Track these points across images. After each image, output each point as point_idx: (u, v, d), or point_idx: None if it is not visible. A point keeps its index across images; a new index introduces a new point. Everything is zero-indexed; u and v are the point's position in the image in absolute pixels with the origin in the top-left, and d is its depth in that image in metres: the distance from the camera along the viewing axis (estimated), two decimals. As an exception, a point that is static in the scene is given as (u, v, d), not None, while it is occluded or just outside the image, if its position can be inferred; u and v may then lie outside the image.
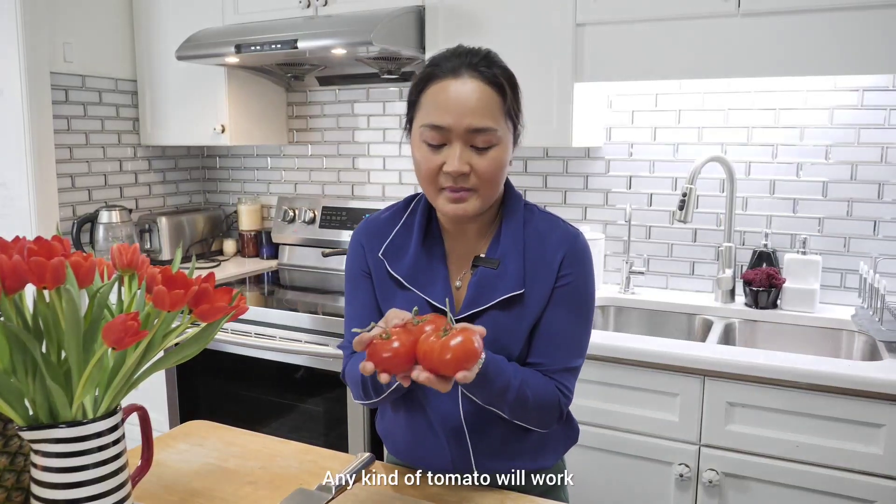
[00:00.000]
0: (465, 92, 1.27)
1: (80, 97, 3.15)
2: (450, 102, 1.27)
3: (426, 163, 1.30)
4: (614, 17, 2.34)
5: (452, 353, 1.07)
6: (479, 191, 1.30)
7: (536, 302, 1.35)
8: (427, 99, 1.30)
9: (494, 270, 1.35)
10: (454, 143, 1.28)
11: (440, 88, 1.29)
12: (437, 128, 1.28)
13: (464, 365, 1.07)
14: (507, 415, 1.31)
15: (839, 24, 2.06)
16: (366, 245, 1.45)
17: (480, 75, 1.28)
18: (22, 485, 1.11)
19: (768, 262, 2.51)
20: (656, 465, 2.11)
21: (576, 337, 1.39)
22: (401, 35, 2.57)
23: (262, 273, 3.34)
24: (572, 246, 1.37)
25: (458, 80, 1.28)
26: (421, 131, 1.30)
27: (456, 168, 1.26)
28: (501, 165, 1.31)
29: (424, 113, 1.30)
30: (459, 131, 1.26)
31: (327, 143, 3.42)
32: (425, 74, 1.32)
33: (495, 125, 1.28)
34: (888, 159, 2.38)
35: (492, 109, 1.28)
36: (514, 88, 1.33)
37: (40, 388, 0.94)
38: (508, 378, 1.26)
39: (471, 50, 1.32)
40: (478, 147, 1.28)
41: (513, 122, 1.34)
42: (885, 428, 1.84)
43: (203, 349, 1.04)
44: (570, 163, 2.86)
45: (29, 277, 0.90)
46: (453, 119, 1.26)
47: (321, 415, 2.60)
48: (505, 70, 1.33)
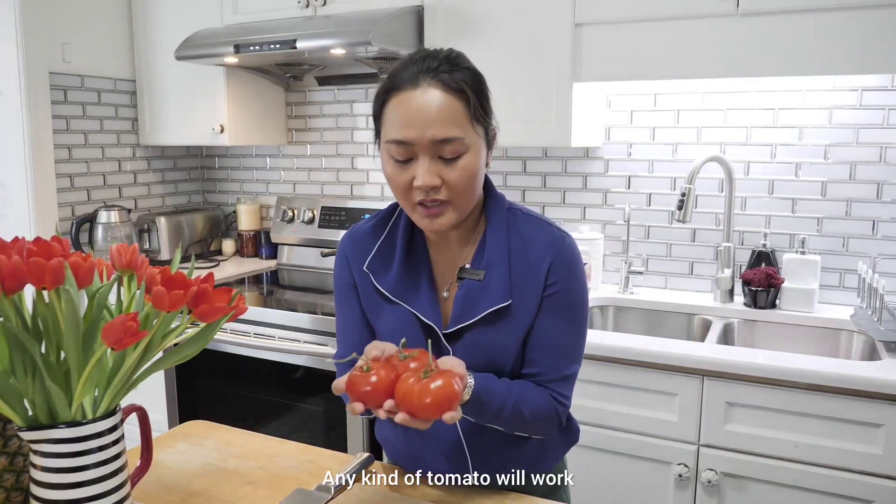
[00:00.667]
0: (424, 103, 1.21)
1: (79, 97, 3.15)
2: (411, 115, 1.21)
3: (396, 179, 1.26)
4: (613, 17, 2.34)
5: (432, 398, 1.05)
6: (454, 202, 1.26)
7: (525, 312, 1.32)
8: (389, 113, 1.25)
9: (480, 282, 1.32)
10: (421, 156, 1.22)
11: (400, 101, 1.23)
12: (401, 143, 1.22)
13: (444, 408, 1.06)
14: (505, 430, 1.31)
15: (838, 23, 2.06)
16: (351, 259, 1.42)
17: (440, 83, 1.22)
18: (21, 485, 1.11)
19: (767, 261, 2.51)
20: (655, 465, 2.11)
21: (570, 344, 1.36)
22: (400, 35, 2.57)
23: (261, 273, 3.33)
24: (559, 251, 1.32)
25: (417, 90, 1.21)
26: (386, 147, 1.25)
27: (425, 182, 1.22)
28: (473, 174, 1.26)
29: (388, 128, 1.25)
30: (424, 144, 1.21)
31: (326, 143, 3.42)
32: (385, 86, 1.26)
33: (461, 133, 1.22)
34: (887, 159, 2.38)
35: (455, 117, 1.22)
36: (479, 91, 1.27)
37: (40, 388, 0.94)
38: (501, 399, 1.25)
39: (430, 53, 1.26)
40: (446, 158, 1.23)
41: (482, 125, 1.28)
42: (884, 428, 1.84)
43: (202, 349, 1.04)
44: (569, 163, 2.86)
45: (28, 278, 0.90)
46: (416, 132, 1.21)
47: (320, 415, 2.60)
48: (468, 72, 1.26)
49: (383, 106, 1.26)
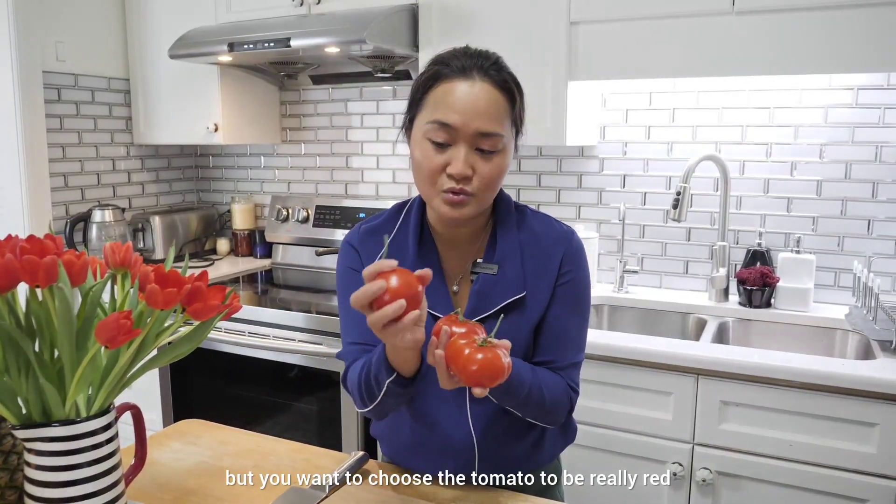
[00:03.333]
0: (476, 93, 1.24)
1: (73, 96, 3.14)
2: (460, 102, 1.24)
3: (428, 162, 1.27)
4: (608, 16, 2.34)
5: (479, 366, 1.06)
6: (478, 195, 1.28)
7: (538, 303, 1.35)
8: (435, 97, 1.27)
9: (494, 276, 1.35)
10: (460, 143, 1.25)
11: (450, 87, 1.26)
12: (445, 125, 1.24)
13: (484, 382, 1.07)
14: (521, 414, 1.32)
15: (834, 22, 2.07)
16: (361, 251, 1.41)
17: (492, 79, 1.26)
18: (16, 483, 1.10)
19: (762, 260, 2.51)
20: (650, 464, 2.11)
21: (578, 333, 1.41)
22: (394, 33, 2.57)
23: (256, 272, 3.33)
24: (569, 244, 1.38)
25: (468, 80, 1.25)
26: (426, 128, 1.27)
27: (460, 171, 1.24)
28: (502, 172, 1.30)
29: (431, 110, 1.27)
30: (467, 133, 1.24)
31: (321, 142, 3.42)
32: (433, 73, 1.29)
33: (503, 131, 1.27)
34: (882, 158, 2.39)
35: (500, 115, 1.26)
36: (521, 96, 1.33)
37: (33, 386, 0.94)
38: (529, 385, 1.27)
39: (480, 52, 1.30)
40: (483, 151, 1.26)
41: (516, 130, 1.33)
42: (879, 427, 1.84)
43: (197, 348, 1.04)
44: (564, 161, 2.86)
45: (21, 276, 0.89)
46: (462, 119, 1.23)
47: (315, 414, 2.60)
48: (513, 75, 1.31)
49: (428, 91, 1.28)
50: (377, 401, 1.25)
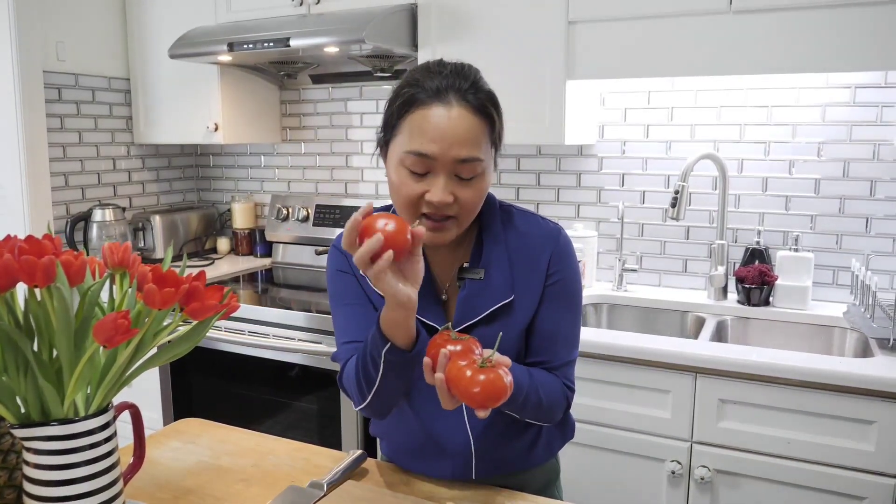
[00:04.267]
0: (453, 120, 1.20)
1: (74, 96, 3.14)
2: (437, 131, 1.20)
3: (407, 189, 1.24)
4: (606, 15, 2.34)
5: (482, 388, 1.06)
6: (459, 219, 1.27)
7: (528, 305, 1.34)
8: (411, 124, 1.23)
9: (481, 281, 1.34)
10: (439, 172, 1.22)
11: (426, 114, 1.21)
12: (423, 156, 1.21)
13: (487, 404, 1.07)
14: (519, 416, 1.32)
15: (831, 20, 2.07)
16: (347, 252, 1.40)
17: (469, 104, 1.22)
18: (15, 482, 1.11)
19: (761, 259, 2.51)
20: (648, 462, 2.11)
21: (571, 331, 1.40)
22: (393, 33, 2.57)
23: (256, 271, 3.33)
24: (556, 243, 1.37)
25: (445, 105, 1.21)
26: (402, 157, 1.23)
27: (440, 199, 1.21)
28: (483, 195, 1.28)
29: (407, 139, 1.23)
30: (445, 161, 1.21)
31: (321, 142, 3.42)
32: (407, 97, 1.24)
33: (482, 155, 1.23)
34: (880, 156, 2.39)
35: (479, 139, 1.23)
36: (499, 114, 1.29)
37: (32, 385, 0.94)
38: (526, 390, 1.26)
39: (456, 69, 1.26)
40: (462, 177, 1.23)
41: (495, 148, 1.30)
42: (877, 425, 1.85)
43: (196, 347, 1.05)
44: (563, 160, 2.87)
45: (20, 276, 0.90)
46: (440, 149, 1.20)
47: (315, 413, 2.60)
48: (490, 95, 1.27)
49: (402, 117, 1.24)
50: (376, 385, 1.22)
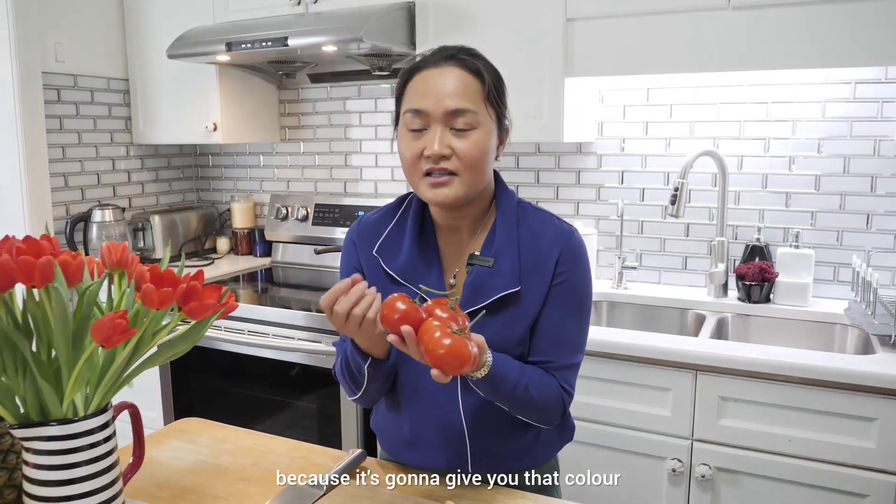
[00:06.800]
0: (443, 77, 1.31)
1: (73, 97, 3.14)
2: (429, 87, 1.31)
3: (407, 149, 1.33)
4: (605, 12, 2.34)
5: (446, 351, 1.08)
6: (461, 175, 1.31)
7: (533, 300, 1.35)
8: (409, 89, 1.34)
9: (489, 269, 1.35)
10: (433, 126, 1.30)
11: (420, 77, 1.33)
12: (417, 112, 1.31)
13: (446, 366, 1.09)
14: (509, 410, 1.32)
15: (831, 16, 2.06)
16: (358, 243, 1.46)
17: (460, 63, 1.32)
18: (14, 482, 1.11)
19: (761, 256, 2.51)
20: (649, 460, 2.11)
21: (575, 334, 1.39)
22: (391, 31, 2.57)
23: (256, 271, 3.33)
24: (568, 243, 1.37)
25: (438, 68, 1.32)
26: (404, 119, 1.34)
27: (435, 150, 1.28)
28: (483, 149, 1.32)
29: (406, 101, 1.34)
30: (438, 115, 1.29)
31: (319, 141, 3.42)
32: (410, 68, 1.36)
33: (474, 108, 1.30)
34: (881, 152, 2.38)
35: (469, 93, 1.30)
36: (494, 77, 1.36)
37: (31, 386, 0.94)
38: (516, 380, 1.27)
39: (459, 47, 1.36)
40: (458, 129, 1.30)
41: (496, 112, 1.35)
42: (878, 422, 1.84)
43: (196, 347, 1.05)
44: (562, 158, 2.86)
45: (18, 276, 0.90)
46: (432, 102, 1.29)
47: (314, 412, 2.60)
48: (486, 62, 1.36)
49: (405, 85, 1.36)
50: (363, 387, 1.36)
